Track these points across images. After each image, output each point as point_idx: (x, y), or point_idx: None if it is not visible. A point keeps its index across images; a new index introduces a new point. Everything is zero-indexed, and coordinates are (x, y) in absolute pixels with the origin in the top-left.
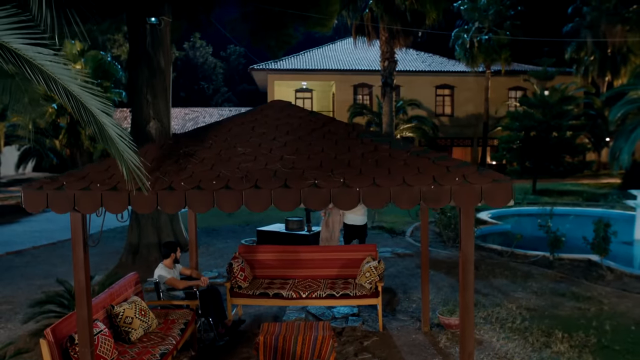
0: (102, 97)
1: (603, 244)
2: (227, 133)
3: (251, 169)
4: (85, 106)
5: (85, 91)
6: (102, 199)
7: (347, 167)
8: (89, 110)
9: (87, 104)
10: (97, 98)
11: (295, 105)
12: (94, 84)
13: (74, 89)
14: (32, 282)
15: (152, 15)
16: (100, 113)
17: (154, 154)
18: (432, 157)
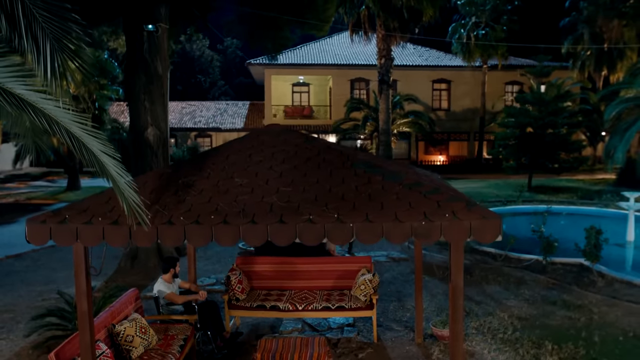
0: (101, 138)
1: (594, 250)
2: (224, 161)
3: (248, 203)
4: (87, 147)
5: (86, 133)
6: (103, 232)
7: (341, 201)
8: (91, 151)
9: (88, 144)
10: (97, 140)
11: (291, 130)
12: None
13: (76, 131)
14: (32, 289)
15: (149, 22)
16: (101, 153)
17: (153, 185)
18: (424, 191)
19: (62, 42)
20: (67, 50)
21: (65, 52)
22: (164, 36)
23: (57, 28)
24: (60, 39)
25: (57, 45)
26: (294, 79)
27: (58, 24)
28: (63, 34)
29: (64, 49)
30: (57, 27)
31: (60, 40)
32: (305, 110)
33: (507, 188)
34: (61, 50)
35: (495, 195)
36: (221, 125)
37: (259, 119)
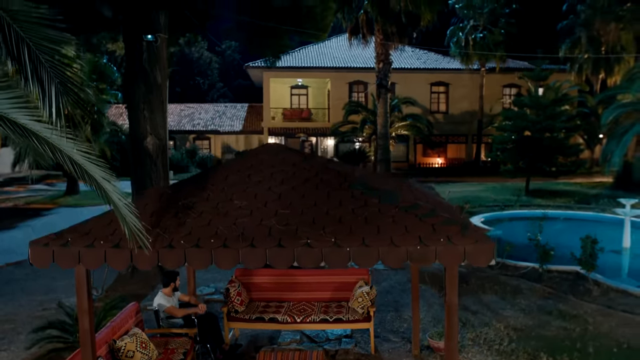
0: (103, 166)
1: (590, 260)
2: (224, 182)
3: (247, 226)
4: (89, 174)
5: (89, 161)
6: (105, 255)
7: (338, 224)
8: (93, 178)
9: (90, 172)
10: (99, 167)
11: (289, 149)
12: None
13: (78, 159)
14: (33, 298)
15: (149, 32)
16: (103, 180)
17: (154, 206)
18: (419, 214)
19: (67, 86)
20: (72, 93)
21: (69, 96)
22: (163, 46)
23: (61, 72)
24: (65, 82)
25: (61, 89)
26: (292, 81)
27: (63, 68)
28: (67, 78)
29: (68, 93)
30: (62, 72)
31: (65, 84)
32: (304, 112)
33: (504, 192)
34: (66, 93)
35: (492, 200)
36: (220, 127)
37: (258, 121)
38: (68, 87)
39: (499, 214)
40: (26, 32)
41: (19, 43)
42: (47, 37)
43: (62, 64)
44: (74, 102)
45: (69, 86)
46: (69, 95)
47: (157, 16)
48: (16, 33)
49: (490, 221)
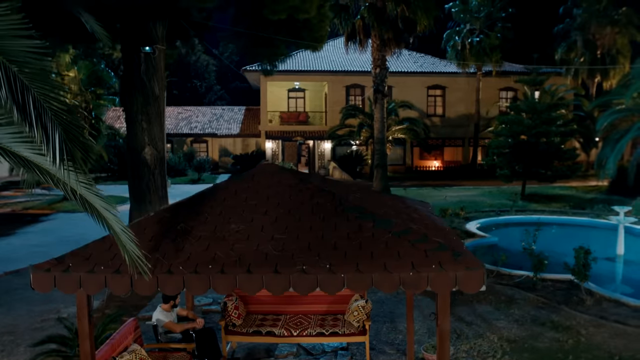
0: (103, 197)
1: (583, 270)
2: (221, 204)
3: (244, 251)
4: (91, 204)
5: (91, 192)
6: (106, 281)
7: (333, 250)
8: (94, 207)
9: (92, 202)
10: (99, 198)
11: (285, 170)
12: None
13: (81, 190)
14: (32, 308)
15: (146, 44)
16: (104, 210)
17: (153, 231)
18: (412, 239)
19: (70, 134)
20: (75, 140)
21: (73, 142)
22: (161, 57)
23: (65, 119)
24: (68, 129)
25: (65, 135)
26: (289, 84)
27: (66, 116)
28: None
29: (72, 139)
30: (65, 119)
31: (68, 131)
32: (301, 116)
33: (500, 196)
34: (69, 139)
35: (488, 205)
36: (217, 131)
37: (255, 124)
38: (71, 134)
39: (494, 219)
40: (31, 82)
41: (24, 92)
42: (52, 86)
43: (66, 111)
44: (77, 147)
45: (72, 133)
46: (73, 142)
47: (155, 28)
48: (22, 82)
49: (486, 227)
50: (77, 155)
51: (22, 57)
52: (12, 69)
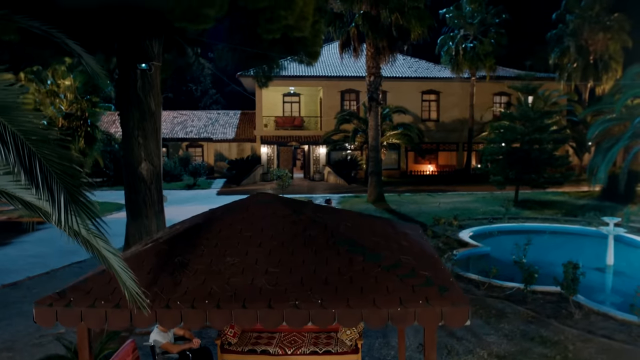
0: (104, 238)
1: (572, 285)
2: (217, 236)
3: (239, 286)
4: (92, 244)
5: (92, 234)
6: (106, 315)
7: (324, 285)
8: (97, 249)
9: (93, 243)
10: (101, 239)
11: (280, 200)
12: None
13: (83, 232)
14: (30, 323)
15: (143, 60)
16: (105, 250)
17: (151, 264)
18: (400, 274)
19: (74, 195)
20: (80, 203)
21: (77, 204)
22: (157, 73)
23: (70, 183)
24: (72, 192)
25: (69, 197)
26: (284, 89)
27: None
28: (75, 189)
29: (76, 201)
30: (70, 183)
31: (72, 194)
32: (296, 120)
33: (494, 203)
34: (73, 201)
35: (482, 213)
36: (213, 135)
37: (250, 128)
38: (76, 197)
39: (487, 227)
40: (38, 148)
41: (30, 157)
42: (56, 153)
43: (70, 175)
44: (81, 208)
45: (76, 196)
46: (77, 204)
47: (151, 45)
48: (29, 149)
49: (478, 235)
50: (82, 215)
51: (28, 127)
52: (19, 136)
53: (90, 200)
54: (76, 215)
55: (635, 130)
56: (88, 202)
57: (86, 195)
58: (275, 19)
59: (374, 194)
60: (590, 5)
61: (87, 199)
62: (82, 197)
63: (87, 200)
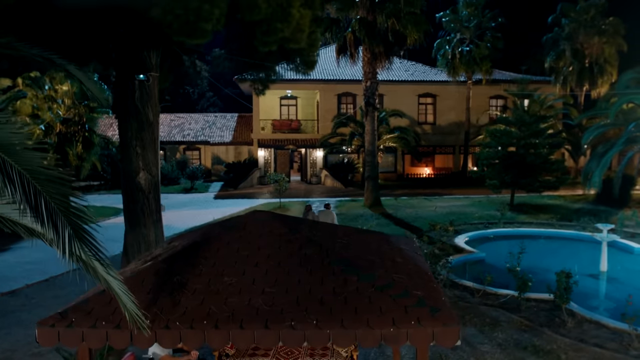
0: (105, 262)
1: (565, 293)
2: (215, 255)
3: (237, 306)
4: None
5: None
6: (107, 335)
7: (319, 305)
8: (102, 276)
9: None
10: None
11: (276, 217)
12: None
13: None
14: (29, 332)
15: (140, 71)
16: (107, 275)
17: (150, 283)
18: (393, 295)
19: (79, 232)
20: (84, 239)
21: (82, 241)
22: (155, 83)
23: (74, 221)
24: (77, 229)
25: (74, 234)
26: (281, 92)
27: (75, 217)
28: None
29: (80, 238)
30: (74, 221)
31: (77, 231)
32: (293, 123)
33: (490, 207)
34: (78, 238)
35: (477, 217)
36: (210, 138)
37: (247, 131)
38: (80, 234)
39: (483, 232)
40: (43, 187)
41: (37, 195)
42: (61, 192)
43: (75, 214)
44: (85, 244)
45: (80, 232)
46: (81, 240)
47: (149, 56)
48: (34, 187)
49: (474, 240)
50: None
51: (34, 166)
52: (26, 175)
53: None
54: (80, 250)
55: (629, 135)
56: (91, 238)
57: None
58: (271, 32)
59: (370, 198)
60: (585, 9)
61: (91, 235)
62: (86, 234)
63: (90, 236)
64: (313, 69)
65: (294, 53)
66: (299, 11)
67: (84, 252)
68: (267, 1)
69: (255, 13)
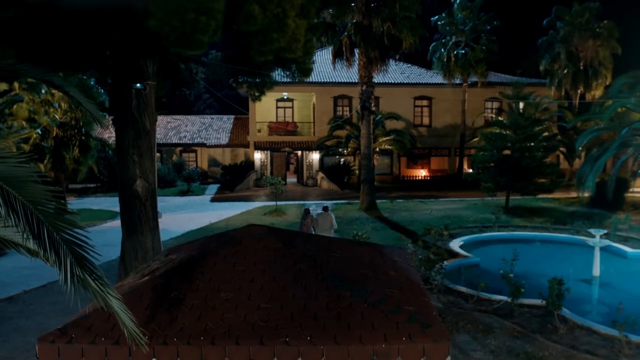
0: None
1: (557, 300)
2: (211, 269)
3: (233, 322)
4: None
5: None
6: (106, 351)
7: (313, 321)
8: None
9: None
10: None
11: (272, 231)
12: None
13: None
14: (27, 340)
15: (137, 80)
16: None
17: (148, 299)
18: (385, 310)
19: (80, 260)
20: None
21: (83, 268)
22: (152, 92)
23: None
24: (78, 257)
25: (75, 262)
26: (278, 94)
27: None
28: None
29: (82, 265)
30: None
31: (78, 259)
32: (289, 125)
33: (485, 210)
34: (79, 265)
35: (472, 221)
36: (206, 140)
37: (244, 133)
38: (81, 262)
39: (478, 236)
40: (46, 217)
41: (39, 225)
42: (63, 221)
43: (76, 244)
44: (86, 272)
45: (82, 260)
46: (83, 268)
47: (146, 64)
48: (37, 218)
49: (469, 244)
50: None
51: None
52: (29, 207)
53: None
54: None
55: (622, 140)
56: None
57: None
58: (267, 42)
59: (366, 201)
60: (580, 12)
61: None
62: (87, 263)
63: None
64: (309, 76)
65: (289, 61)
66: (294, 21)
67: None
68: (263, 12)
69: (252, 24)
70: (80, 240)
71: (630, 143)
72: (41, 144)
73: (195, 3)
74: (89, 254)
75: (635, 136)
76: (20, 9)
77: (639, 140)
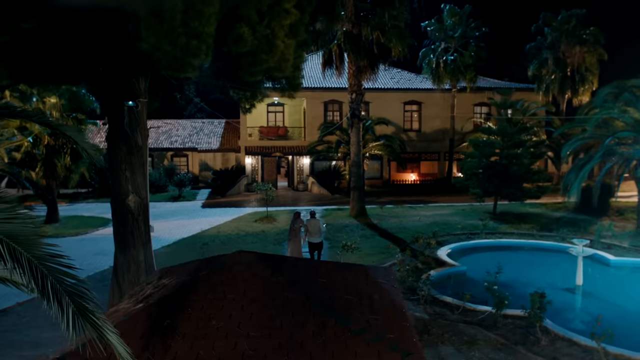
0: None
1: (538, 313)
2: (203, 297)
3: (223, 350)
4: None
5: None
6: None
7: (300, 350)
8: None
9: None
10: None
11: (261, 257)
12: None
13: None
14: (21, 354)
15: (129, 98)
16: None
17: (143, 327)
18: (367, 339)
19: (82, 311)
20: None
21: (85, 318)
22: (144, 109)
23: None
24: (81, 308)
25: (77, 311)
26: (268, 99)
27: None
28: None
29: (84, 316)
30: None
31: (80, 310)
32: (280, 130)
33: (473, 215)
34: (81, 315)
35: (460, 227)
36: (197, 145)
37: (235, 138)
38: (83, 312)
39: (465, 244)
40: (50, 271)
41: (43, 277)
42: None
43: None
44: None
45: (84, 311)
46: (84, 318)
47: (137, 82)
48: (41, 271)
49: (456, 252)
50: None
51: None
52: (34, 262)
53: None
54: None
55: (605, 150)
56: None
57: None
58: (257, 62)
59: (356, 208)
60: (566, 19)
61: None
62: (89, 313)
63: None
64: (298, 90)
65: (279, 76)
66: (283, 41)
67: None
68: (252, 34)
69: (241, 45)
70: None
71: (615, 151)
72: (33, 151)
73: (186, 27)
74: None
75: (620, 145)
76: (16, 33)
77: (622, 148)
